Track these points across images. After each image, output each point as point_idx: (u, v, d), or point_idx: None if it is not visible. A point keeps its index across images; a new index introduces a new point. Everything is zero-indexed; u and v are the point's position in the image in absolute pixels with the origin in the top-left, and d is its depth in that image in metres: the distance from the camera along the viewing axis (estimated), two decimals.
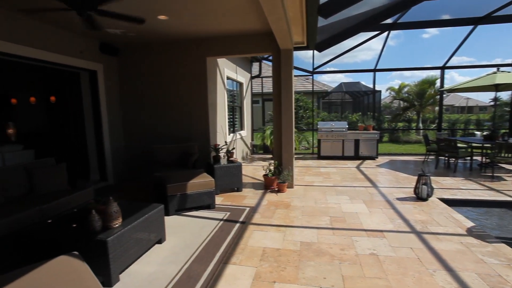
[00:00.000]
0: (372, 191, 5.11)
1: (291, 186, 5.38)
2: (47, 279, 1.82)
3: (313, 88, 10.06)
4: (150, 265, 2.78)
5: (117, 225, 2.58)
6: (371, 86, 9.30)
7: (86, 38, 5.38)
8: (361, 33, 7.36)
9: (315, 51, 8.20)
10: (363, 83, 15.60)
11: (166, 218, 3.38)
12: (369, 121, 8.93)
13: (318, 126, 8.84)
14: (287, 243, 3.18)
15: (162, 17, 4.35)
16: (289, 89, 5.32)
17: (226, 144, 5.95)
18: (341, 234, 3.39)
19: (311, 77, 9.60)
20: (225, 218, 3.94)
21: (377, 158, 8.40)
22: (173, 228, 3.61)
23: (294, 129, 5.50)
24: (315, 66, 9.04)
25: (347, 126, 8.62)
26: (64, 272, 1.90)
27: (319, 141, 8.66)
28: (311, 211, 4.17)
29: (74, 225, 2.68)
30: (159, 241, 3.18)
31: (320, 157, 8.64)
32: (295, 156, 5.84)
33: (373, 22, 6.43)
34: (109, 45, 5.82)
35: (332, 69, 24.17)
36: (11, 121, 7.85)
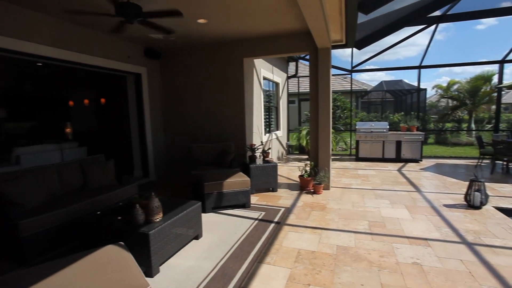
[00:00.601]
0: (416, 196, 4.79)
1: (327, 188, 5.25)
2: (98, 264, 1.99)
3: (351, 87, 9.72)
4: (188, 259, 2.89)
5: (158, 220, 2.73)
6: (415, 84, 8.75)
7: (132, 43, 5.77)
8: (405, 28, 6.93)
9: (354, 49, 7.91)
10: (406, 81, 14.72)
11: (203, 215, 3.49)
12: (412, 122, 8.39)
13: (357, 127, 8.52)
14: (323, 246, 3.11)
15: (201, 20, 4.50)
16: (327, 88, 5.20)
17: (262, 144, 5.98)
18: (380, 240, 3.23)
19: (349, 76, 9.29)
20: (260, 217, 3.97)
21: (421, 161, 7.86)
22: (210, 225, 3.72)
23: (331, 130, 5.36)
24: (353, 65, 8.72)
25: (388, 127, 8.18)
26: (112, 259, 2.06)
27: (357, 142, 8.34)
28: (348, 214, 4.03)
29: (119, 218, 2.88)
30: (196, 237, 3.30)
31: (358, 159, 8.32)
32: (332, 157, 5.69)
33: (419, 16, 6.03)
34: (153, 50, 6.18)
35: (372, 67, 23.11)
36: (68, 121, 8.70)
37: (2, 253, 3.06)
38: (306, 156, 9.00)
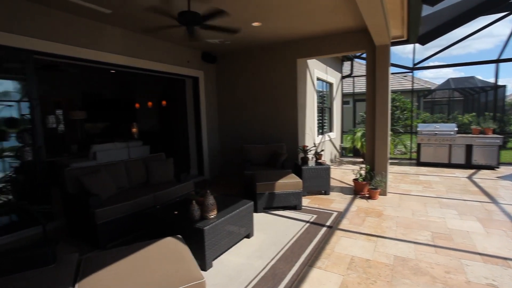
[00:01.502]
0: (491, 208, 4.22)
1: (384, 193, 4.93)
2: (158, 254, 2.16)
3: (412, 86, 8.96)
4: (239, 256, 2.97)
5: (212, 216, 2.86)
6: (490, 80, 7.69)
7: (191, 49, 6.15)
8: (479, 18, 6.16)
9: (417, 45, 7.29)
10: (479, 77, 13.01)
11: (254, 215, 3.56)
12: (487, 123, 7.40)
13: (418, 129, 7.82)
14: (379, 254, 2.93)
15: (256, 24, 4.60)
16: (385, 88, 4.88)
17: (315, 146, 5.87)
18: (446, 254, 2.92)
19: (410, 74, 8.58)
20: (311, 220, 3.90)
21: (498, 168, 6.89)
22: (261, 225, 3.77)
23: (389, 132, 5.02)
24: (415, 62, 8.03)
25: (456, 129, 7.36)
26: (171, 250, 2.22)
27: (418, 145, 7.65)
28: (407, 223, 3.73)
29: (176, 212, 3.09)
30: (248, 236, 3.38)
31: (420, 164, 7.62)
32: (390, 161, 5.30)
33: (498, 2, 5.30)
34: (209, 54, 6.51)
35: (437, 63, 20.96)
36: (134, 122, 9.63)
37: (84, 236, 3.52)
38: (361, 159, 8.56)
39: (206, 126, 6.69)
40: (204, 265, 2.68)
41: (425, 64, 8.04)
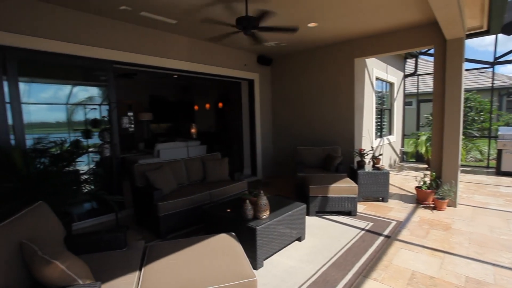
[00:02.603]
0: None
1: (453, 204, 4.41)
2: (213, 248, 2.27)
3: (492, 83, 7.82)
4: (290, 259, 2.96)
5: (265, 217, 2.90)
6: None
7: (248, 53, 6.35)
8: None
9: (500, 35, 6.35)
10: None
11: (307, 218, 3.50)
12: None
13: (499, 133, 6.81)
14: (446, 273, 2.64)
15: (312, 24, 4.53)
16: (457, 86, 4.37)
17: (372, 150, 5.54)
18: None
19: (490, 69, 7.51)
20: (367, 228, 3.69)
21: None
22: (313, 229, 3.70)
23: (461, 136, 4.48)
24: (497, 55, 7.01)
25: None
26: (224, 246, 2.31)
27: (499, 151, 6.66)
28: (483, 240, 3.28)
29: (229, 210, 3.20)
30: (299, 239, 3.34)
31: (500, 173, 6.63)
32: (461, 168, 4.72)
33: None
34: (265, 57, 6.63)
35: None
36: (193, 122, 10.29)
37: (148, 225, 3.88)
38: (425, 165, 7.80)
39: (260, 127, 6.82)
40: (255, 264, 2.72)
41: (510, 57, 6.93)
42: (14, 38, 3.28)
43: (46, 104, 3.93)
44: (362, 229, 3.65)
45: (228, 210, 3.20)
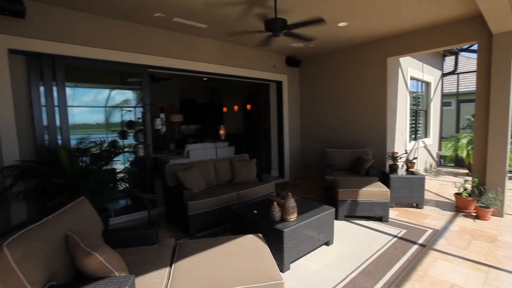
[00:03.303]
0: None
1: (499, 214, 4.07)
2: (240, 248, 2.30)
3: None
4: (317, 263, 2.90)
5: (292, 219, 2.88)
6: None
7: (276, 54, 6.34)
8: None
9: None
10: None
11: (335, 222, 3.41)
12: None
13: None
14: None
15: (342, 24, 4.43)
16: (505, 85, 4.03)
17: (406, 153, 5.28)
18: None
19: None
20: (399, 235, 3.52)
21: None
22: (341, 233, 3.60)
23: (509, 139, 4.12)
24: None
25: None
26: (252, 247, 2.32)
27: None
28: None
29: (255, 211, 3.21)
30: (327, 243, 3.27)
31: None
32: (509, 174, 4.32)
33: None
34: (293, 58, 6.58)
35: None
36: (222, 124, 10.48)
37: (178, 224, 4.01)
38: (466, 171, 7.29)
39: (288, 129, 6.77)
40: (281, 267, 2.70)
41: None
42: (61, 47, 3.58)
43: (87, 107, 4.23)
44: (394, 236, 3.49)
45: (255, 211, 3.22)
